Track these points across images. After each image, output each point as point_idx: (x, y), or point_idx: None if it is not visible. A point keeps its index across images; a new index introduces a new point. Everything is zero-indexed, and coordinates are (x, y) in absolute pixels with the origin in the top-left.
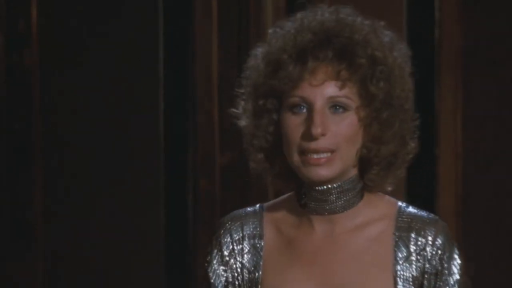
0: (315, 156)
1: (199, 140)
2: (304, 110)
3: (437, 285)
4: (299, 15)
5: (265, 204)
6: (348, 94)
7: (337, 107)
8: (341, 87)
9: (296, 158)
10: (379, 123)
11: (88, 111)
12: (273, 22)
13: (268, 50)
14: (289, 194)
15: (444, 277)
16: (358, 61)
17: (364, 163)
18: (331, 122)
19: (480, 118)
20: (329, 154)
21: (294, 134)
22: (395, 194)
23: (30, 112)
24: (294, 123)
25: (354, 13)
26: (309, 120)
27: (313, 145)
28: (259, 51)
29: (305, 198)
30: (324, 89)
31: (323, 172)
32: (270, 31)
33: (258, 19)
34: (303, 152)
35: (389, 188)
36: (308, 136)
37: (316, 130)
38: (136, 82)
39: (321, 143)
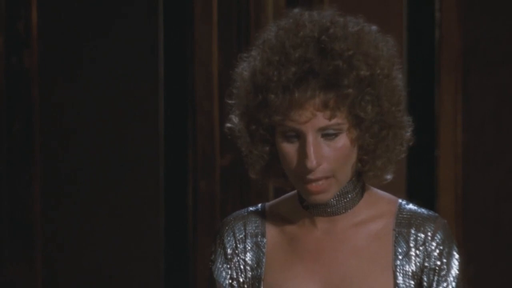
0: (314, 184)
1: (199, 141)
2: (297, 139)
3: (436, 280)
4: (280, 31)
5: (267, 204)
6: (338, 121)
7: (329, 133)
8: (331, 117)
9: (295, 182)
10: (371, 137)
11: (88, 111)
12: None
13: (253, 76)
14: (290, 193)
15: (443, 272)
16: (345, 91)
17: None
18: (325, 149)
19: (479, 119)
20: (327, 178)
21: (290, 162)
22: (395, 195)
23: (30, 112)
24: (289, 152)
25: (336, 18)
26: (303, 152)
27: (310, 176)
28: (245, 71)
29: (306, 201)
30: (314, 122)
31: (324, 197)
32: (253, 52)
33: (258, 19)
34: (302, 180)
35: (389, 176)
36: (304, 167)
37: (311, 163)
38: (136, 82)
39: (318, 172)
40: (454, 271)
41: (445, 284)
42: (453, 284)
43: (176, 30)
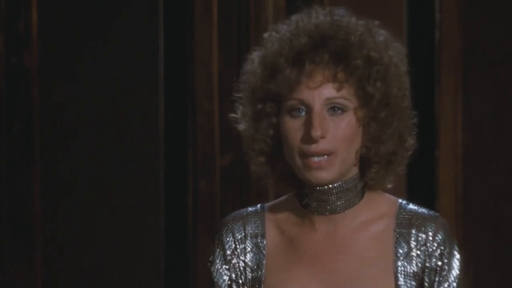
0: (315, 159)
1: (199, 141)
2: (303, 113)
3: (437, 281)
4: (294, 18)
5: (267, 204)
6: (345, 95)
7: (336, 108)
8: (339, 89)
9: (297, 161)
10: (377, 122)
11: (88, 111)
12: (273, 22)
13: (264, 54)
14: (290, 194)
15: (444, 273)
16: (354, 63)
17: (364, 162)
18: (330, 124)
19: (479, 119)
20: (329, 156)
21: (294, 137)
22: (395, 195)
23: (30, 112)
24: (293, 127)
25: (348, 14)
26: (308, 123)
27: (313, 148)
28: (255, 55)
29: (306, 198)
30: (322, 91)
31: (324, 174)
32: (265, 35)
33: (258, 19)
34: (303, 155)
35: (389, 186)
36: (308, 139)
37: (316, 132)
38: (136, 82)
39: (321, 145)
40: (455, 271)
41: (446, 285)
42: (454, 284)
43: (176, 30)
